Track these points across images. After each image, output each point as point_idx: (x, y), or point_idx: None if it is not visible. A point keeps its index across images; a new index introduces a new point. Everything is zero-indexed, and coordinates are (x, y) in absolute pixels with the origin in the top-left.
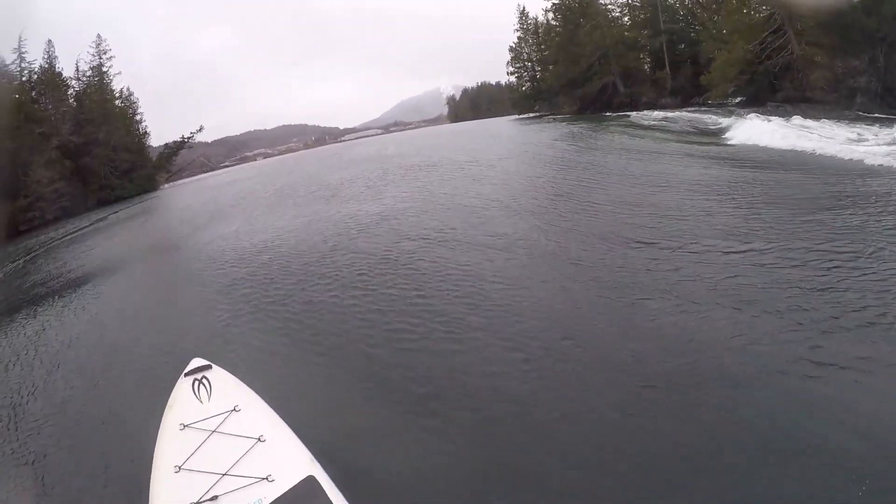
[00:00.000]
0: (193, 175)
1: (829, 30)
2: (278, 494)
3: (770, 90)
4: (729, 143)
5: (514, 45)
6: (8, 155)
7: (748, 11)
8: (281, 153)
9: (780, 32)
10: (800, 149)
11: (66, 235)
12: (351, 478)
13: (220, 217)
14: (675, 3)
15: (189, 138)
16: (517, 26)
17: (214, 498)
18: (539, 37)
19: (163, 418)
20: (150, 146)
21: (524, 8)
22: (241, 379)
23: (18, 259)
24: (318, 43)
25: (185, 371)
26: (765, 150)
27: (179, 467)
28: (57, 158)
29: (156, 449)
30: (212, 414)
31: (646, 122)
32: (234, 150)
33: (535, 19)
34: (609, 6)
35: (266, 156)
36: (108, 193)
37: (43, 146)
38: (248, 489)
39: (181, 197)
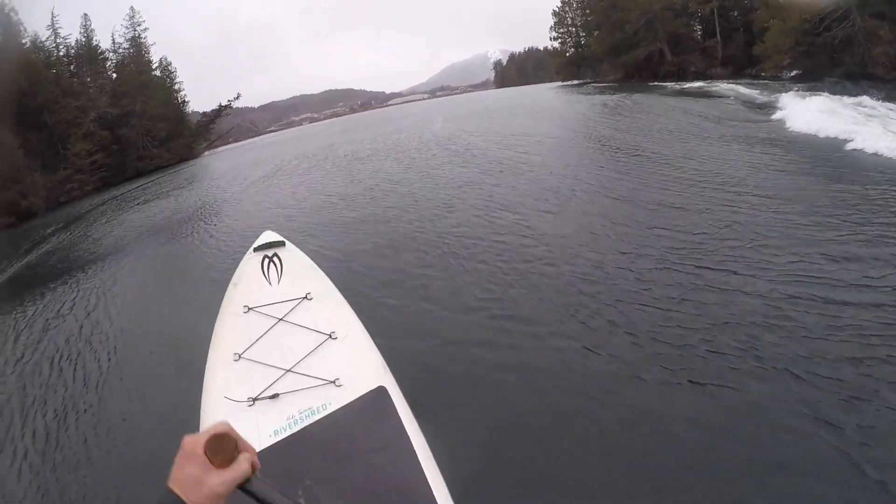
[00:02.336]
0: (239, 140)
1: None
2: (345, 402)
3: (828, 64)
4: (780, 124)
5: (557, 10)
6: (47, 129)
7: None
8: (327, 117)
9: (842, 2)
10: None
11: (108, 201)
12: (422, 394)
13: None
14: None
15: (226, 106)
16: None
17: (275, 396)
18: (584, 1)
19: (226, 296)
20: (194, 112)
21: None
22: (317, 263)
23: (73, 221)
24: (368, 7)
25: (255, 245)
26: (821, 140)
27: (240, 355)
28: (95, 130)
29: (215, 330)
30: (281, 299)
31: (692, 94)
32: (281, 114)
33: None
34: None
35: (312, 120)
36: (147, 163)
37: (81, 119)
38: (314, 391)
39: (217, 163)
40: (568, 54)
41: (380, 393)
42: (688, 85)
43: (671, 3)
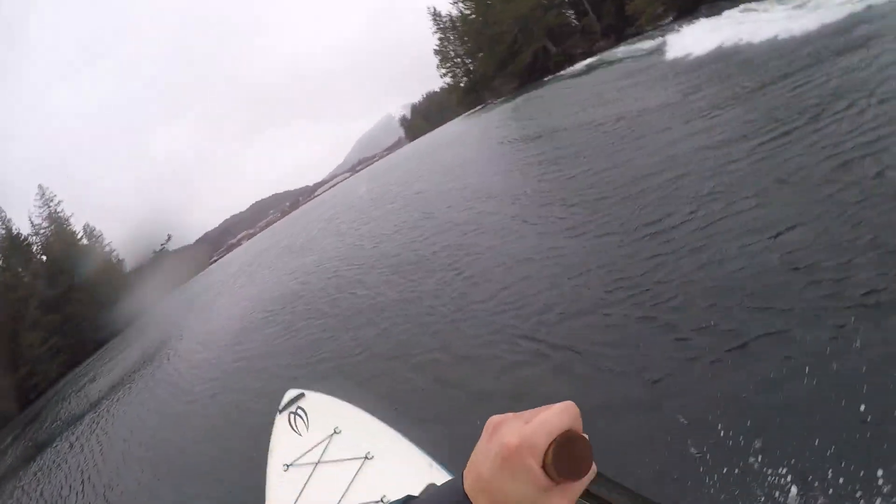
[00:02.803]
0: (188, 279)
1: None
2: None
3: None
4: (669, 61)
5: (437, 47)
6: None
7: None
8: (262, 229)
9: None
10: (734, 41)
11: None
12: None
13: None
14: None
15: (160, 250)
16: (434, 28)
17: None
18: (458, 30)
19: (267, 463)
20: (133, 269)
21: (435, 9)
22: (340, 397)
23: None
24: (267, 114)
25: (280, 406)
26: (704, 55)
27: None
28: (41, 317)
29: (266, 497)
30: (313, 444)
31: (583, 73)
32: (217, 241)
33: (450, 15)
34: None
35: (249, 236)
36: (104, 331)
37: (24, 310)
38: None
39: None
40: (462, 84)
41: None
42: (579, 65)
43: (538, 2)
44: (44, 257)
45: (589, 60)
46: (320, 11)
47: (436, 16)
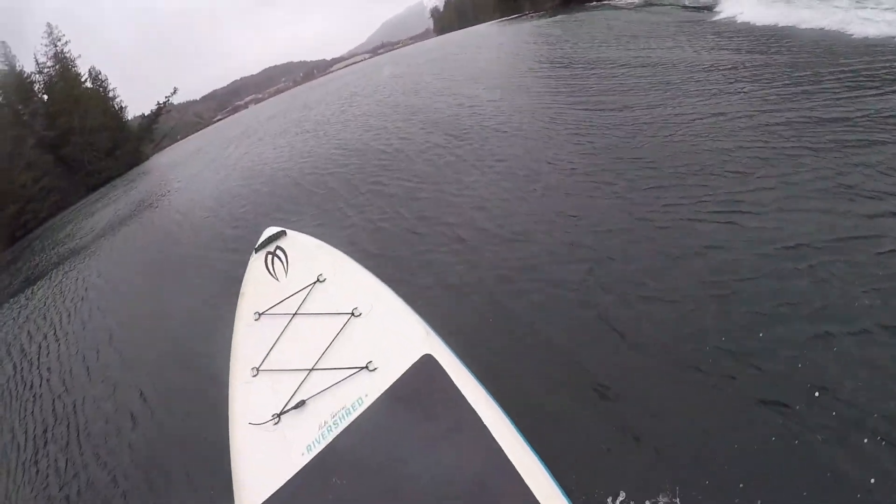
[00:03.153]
0: (188, 135)
1: None
2: (384, 388)
3: None
4: (719, 21)
5: None
6: None
7: None
8: (271, 95)
9: None
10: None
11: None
12: (479, 354)
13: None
14: None
15: (164, 104)
16: None
17: (301, 404)
18: None
19: (237, 309)
20: (134, 117)
21: None
22: (327, 241)
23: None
24: None
25: (256, 245)
26: (759, 27)
27: (257, 369)
28: (37, 157)
29: (231, 348)
30: (291, 292)
31: (628, 7)
32: (224, 101)
33: None
34: None
35: (257, 101)
36: (97, 177)
37: (20, 148)
38: (345, 385)
39: (168, 160)
40: None
41: (427, 363)
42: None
43: None
44: (45, 96)
45: None
46: None
47: None
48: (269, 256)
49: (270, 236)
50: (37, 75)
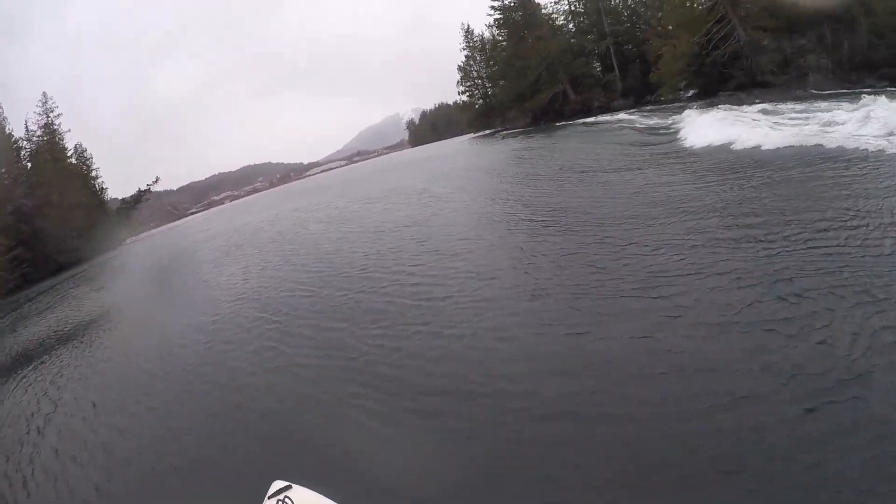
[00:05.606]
0: (161, 225)
1: (774, 12)
2: None
3: (720, 80)
4: (679, 141)
5: (462, 64)
6: None
7: (691, 4)
8: (248, 193)
9: (725, 21)
10: (750, 143)
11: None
12: None
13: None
14: (618, 4)
15: (146, 191)
16: (463, 45)
17: None
18: (486, 53)
19: None
20: (113, 199)
21: (468, 26)
22: (325, 494)
23: None
24: (280, 76)
25: (269, 494)
26: (723, 149)
27: None
28: (12, 224)
29: None
30: None
31: (596, 129)
32: (200, 195)
33: (482, 36)
34: (553, 15)
35: (233, 198)
36: (69, 255)
37: None
38: None
39: (137, 255)
40: (477, 106)
41: None
42: (593, 119)
43: (569, 46)
44: (29, 164)
45: (605, 116)
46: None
47: (468, 33)
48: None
49: (280, 489)
50: (25, 142)
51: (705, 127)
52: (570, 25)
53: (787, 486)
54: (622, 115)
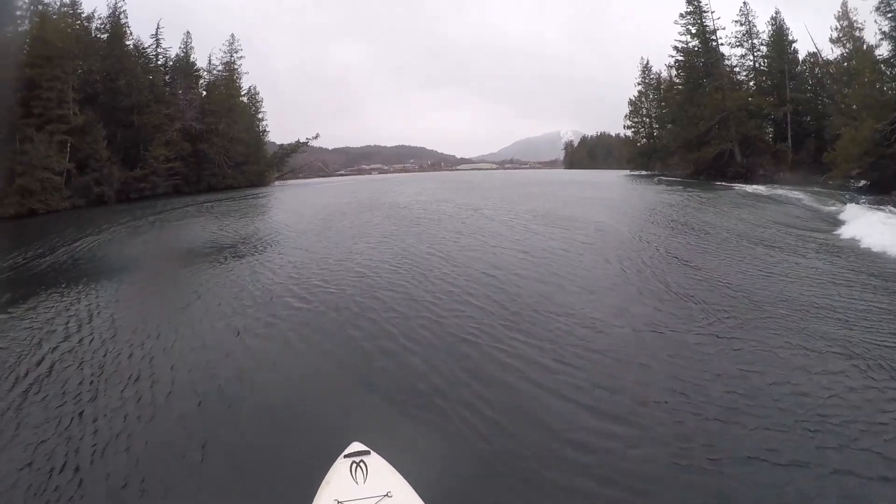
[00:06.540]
0: (309, 177)
1: None
2: None
3: None
4: (846, 239)
5: (633, 99)
6: (133, 129)
7: (881, 87)
8: (396, 171)
9: None
10: None
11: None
12: None
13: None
14: (804, 71)
15: (304, 143)
16: (639, 79)
17: None
18: (660, 93)
19: (318, 492)
20: (269, 142)
21: (647, 61)
22: (397, 468)
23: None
24: (444, 70)
25: (345, 453)
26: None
27: None
28: (177, 140)
29: None
30: (366, 496)
31: (759, 198)
32: (352, 160)
33: (658, 74)
34: (735, 69)
35: (381, 171)
36: (219, 180)
37: (167, 126)
38: None
39: (284, 195)
40: (640, 144)
41: None
42: (754, 188)
43: (745, 104)
44: (204, 92)
45: (767, 187)
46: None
47: (645, 68)
48: (354, 465)
49: (357, 451)
50: (205, 73)
51: (876, 227)
52: (752, 83)
53: None
54: (783, 191)
